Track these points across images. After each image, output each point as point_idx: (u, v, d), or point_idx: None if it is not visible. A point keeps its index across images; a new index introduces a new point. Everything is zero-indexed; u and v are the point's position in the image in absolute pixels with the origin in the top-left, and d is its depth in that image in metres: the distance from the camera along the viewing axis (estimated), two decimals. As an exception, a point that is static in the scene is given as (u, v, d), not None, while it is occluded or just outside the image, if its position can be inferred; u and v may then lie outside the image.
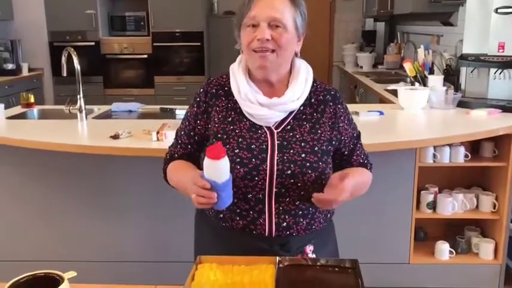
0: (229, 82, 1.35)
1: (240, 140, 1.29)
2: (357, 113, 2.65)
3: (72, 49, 2.80)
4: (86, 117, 2.75)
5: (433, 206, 2.54)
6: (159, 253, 2.57)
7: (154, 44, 5.91)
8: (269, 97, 1.31)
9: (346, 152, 1.41)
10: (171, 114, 2.89)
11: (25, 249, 2.63)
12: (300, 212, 1.30)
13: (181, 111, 2.82)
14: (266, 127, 1.31)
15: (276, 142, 1.29)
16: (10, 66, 5.64)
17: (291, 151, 1.28)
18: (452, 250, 2.56)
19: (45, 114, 3.10)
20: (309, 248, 1.32)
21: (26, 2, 5.88)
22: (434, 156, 2.46)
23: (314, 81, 1.38)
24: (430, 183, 2.62)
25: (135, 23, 5.99)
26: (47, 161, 2.51)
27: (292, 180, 1.26)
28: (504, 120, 2.53)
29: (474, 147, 2.55)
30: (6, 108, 2.91)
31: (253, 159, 1.26)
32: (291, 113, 1.33)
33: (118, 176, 2.53)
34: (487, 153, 2.55)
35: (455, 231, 2.67)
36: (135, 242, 2.59)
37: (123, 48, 5.96)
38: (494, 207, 2.54)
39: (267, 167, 1.25)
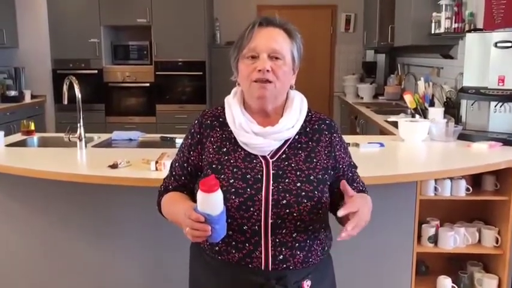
0: (224, 113, 1.36)
1: (235, 170, 1.28)
2: (357, 145, 2.64)
3: (73, 77, 2.82)
4: (86, 146, 2.74)
5: (434, 239, 2.50)
6: (156, 283, 2.52)
7: (156, 72, 5.97)
8: (263, 127, 1.31)
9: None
10: (171, 143, 2.89)
11: (24, 279, 2.58)
12: (297, 245, 1.28)
13: (181, 140, 2.81)
14: (261, 156, 1.31)
15: (272, 171, 1.28)
16: (13, 93, 5.69)
17: (286, 180, 1.27)
18: (454, 286, 2.51)
19: (45, 142, 3.10)
20: (307, 284, 1.29)
21: (31, 30, 5.97)
22: (435, 189, 2.43)
23: (309, 111, 1.40)
24: (431, 216, 2.59)
25: (138, 52, 6.07)
26: (45, 189, 2.48)
27: (287, 210, 1.24)
28: (505, 153, 2.52)
29: (475, 180, 2.52)
30: (8, 135, 2.91)
31: (249, 189, 1.25)
32: (286, 141, 1.33)
33: (116, 206, 2.50)
34: (488, 187, 2.52)
35: (457, 265, 2.63)
36: (132, 273, 2.54)
37: (125, 77, 6.02)
38: (496, 242, 2.50)
39: (262, 196, 1.24)
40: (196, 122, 1.39)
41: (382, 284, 2.50)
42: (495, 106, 2.84)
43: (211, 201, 1.12)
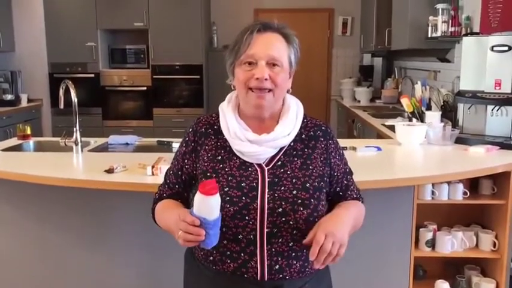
0: (219, 121, 1.35)
1: (229, 178, 1.26)
2: (354, 149, 2.63)
3: (70, 82, 2.80)
4: (82, 150, 2.73)
5: (432, 244, 2.49)
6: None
7: (153, 76, 5.96)
8: (259, 133, 1.29)
9: (338, 189, 1.39)
10: (167, 148, 2.88)
11: (19, 284, 2.56)
12: (293, 254, 1.26)
13: (178, 145, 2.81)
14: (257, 164, 1.29)
15: (267, 179, 1.26)
16: (9, 97, 5.68)
17: (282, 188, 1.25)
18: (452, 290, 2.50)
19: (41, 146, 3.08)
20: (303, 291, 1.28)
21: (28, 34, 5.97)
22: (433, 193, 2.43)
23: (305, 116, 1.38)
24: (429, 220, 2.58)
25: (135, 56, 6.05)
26: (41, 194, 2.46)
27: (283, 219, 1.22)
28: (502, 157, 2.52)
29: (472, 184, 2.52)
30: (4, 139, 2.89)
31: (244, 198, 1.23)
32: (281, 148, 1.31)
33: (112, 210, 2.48)
34: (485, 191, 2.52)
35: (455, 270, 2.62)
36: (128, 277, 2.52)
37: (122, 80, 6.00)
38: (494, 246, 2.49)
39: (257, 205, 1.22)
40: (190, 130, 1.38)
41: (379, 289, 2.49)
42: (492, 110, 2.84)
43: (209, 205, 1.10)
